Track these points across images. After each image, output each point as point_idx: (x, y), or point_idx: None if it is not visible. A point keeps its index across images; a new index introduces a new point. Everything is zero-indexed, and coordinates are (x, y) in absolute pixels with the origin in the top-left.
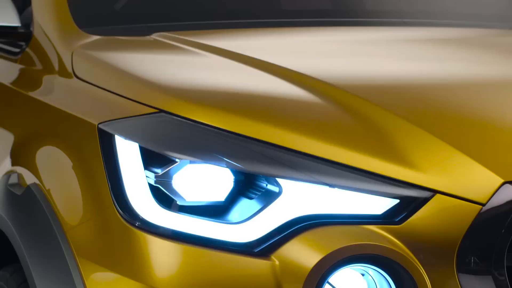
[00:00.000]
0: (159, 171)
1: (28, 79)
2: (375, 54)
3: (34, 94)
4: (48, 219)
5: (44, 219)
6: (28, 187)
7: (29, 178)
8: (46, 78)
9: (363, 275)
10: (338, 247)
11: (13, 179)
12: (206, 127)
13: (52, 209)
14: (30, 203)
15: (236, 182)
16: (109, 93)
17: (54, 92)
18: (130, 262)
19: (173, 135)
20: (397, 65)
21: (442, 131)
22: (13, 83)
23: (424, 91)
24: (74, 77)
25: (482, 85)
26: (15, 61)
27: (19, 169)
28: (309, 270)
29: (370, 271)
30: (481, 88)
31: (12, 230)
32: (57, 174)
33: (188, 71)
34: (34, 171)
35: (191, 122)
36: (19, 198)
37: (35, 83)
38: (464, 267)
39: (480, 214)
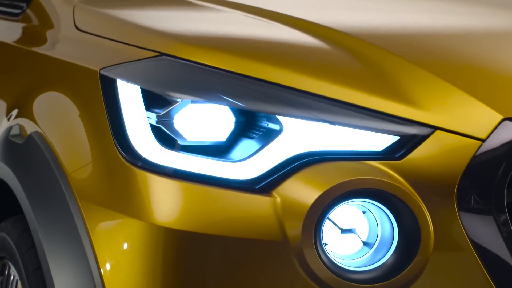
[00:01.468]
0: (161, 111)
1: (30, 36)
2: (380, 8)
3: (37, 49)
4: (50, 164)
5: (46, 164)
6: (30, 135)
7: (31, 127)
8: (48, 33)
9: (364, 212)
10: (338, 182)
11: (15, 131)
12: (208, 68)
13: (54, 154)
14: (31, 150)
15: (237, 123)
16: (110, 41)
17: (56, 45)
18: (132, 202)
19: (174, 76)
20: (400, 16)
21: (442, 70)
22: (16, 41)
23: (427, 37)
24: (76, 30)
25: (482, 33)
26: (16, 21)
27: (21, 121)
28: (309, 206)
29: (371, 209)
30: (482, 35)
31: (14, 179)
32: (58, 121)
33: (189, 18)
34: (36, 120)
35: (192, 64)
36: (20, 146)
37: (37, 39)
38: (465, 205)
39: (479, 150)
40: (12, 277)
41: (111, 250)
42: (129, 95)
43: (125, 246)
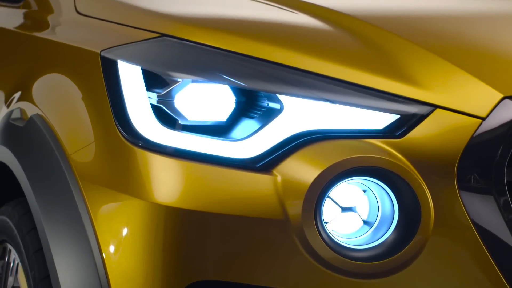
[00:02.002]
0: (161, 91)
1: (32, 21)
2: None
3: (38, 34)
4: (50, 145)
5: (46, 146)
6: (31, 118)
7: (31, 110)
8: (49, 18)
9: (364, 191)
10: (338, 160)
11: (16, 114)
12: (208, 48)
13: (54, 136)
14: (32, 132)
15: (238, 103)
16: (111, 23)
17: (57, 30)
18: (133, 181)
19: (175, 56)
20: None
21: (442, 50)
22: (17, 27)
23: (428, 19)
24: (77, 13)
25: (483, 15)
26: (17, 7)
27: (22, 104)
28: (310, 184)
29: (372, 187)
30: (482, 17)
31: (15, 162)
32: (59, 103)
33: (189, 0)
34: (36, 103)
35: (193, 44)
36: (21, 129)
37: (39, 24)
38: (465, 184)
39: (479, 128)
40: (12, 264)
41: (112, 230)
42: (130, 76)
43: (127, 225)
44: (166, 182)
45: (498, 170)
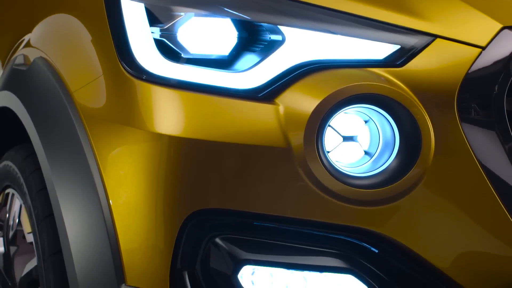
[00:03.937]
0: (164, 26)
1: None
2: None
3: None
4: (53, 84)
5: (49, 85)
6: (34, 61)
7: (34, 54)
8: None
9: (366, 121)
10: (339, 88)
11: (19, 60)
12: None
13: (57, 75)
14: (35, 74)
15: (240, 38)
16: None
17: None
18: (137, 114)
19: None
20: None
21: None
22: None
23: None
24: None
25: None
26: None
27: (24, 51)
28: (310, 112)
29: (373, 116)
30: None
31: (20, 105)
32: (60, 43)
33: None
34: (38, 46)
35: None
36: (25, 73)
37: None
38: (465, 113)
39: (479, 58)
40: (12, 222)
41: (116, 162)
42: (133, 12)
43: (130, 157)
44: (169, 113)
45: (498, 100)
